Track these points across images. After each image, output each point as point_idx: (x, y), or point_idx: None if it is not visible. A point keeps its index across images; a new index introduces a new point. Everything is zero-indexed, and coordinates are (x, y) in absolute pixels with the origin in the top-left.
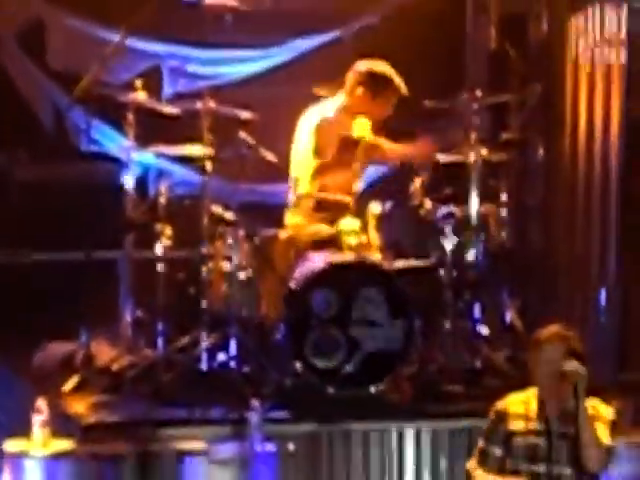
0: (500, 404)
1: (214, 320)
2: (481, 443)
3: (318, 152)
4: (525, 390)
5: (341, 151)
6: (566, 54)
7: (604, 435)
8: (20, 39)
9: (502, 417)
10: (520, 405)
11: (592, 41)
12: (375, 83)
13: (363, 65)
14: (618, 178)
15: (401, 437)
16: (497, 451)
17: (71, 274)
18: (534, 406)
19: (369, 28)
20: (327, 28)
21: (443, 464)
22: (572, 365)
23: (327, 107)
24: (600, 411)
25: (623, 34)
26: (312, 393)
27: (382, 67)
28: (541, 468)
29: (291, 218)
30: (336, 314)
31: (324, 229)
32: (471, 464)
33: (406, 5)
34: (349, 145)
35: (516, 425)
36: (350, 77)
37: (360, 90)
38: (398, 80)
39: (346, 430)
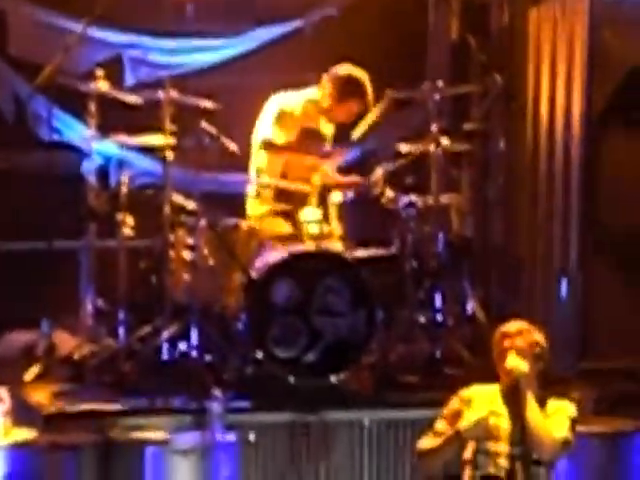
0: (465, 392)
1: (175, 309)
2: (440, 426)
3: (279, 138)
4: (489, 384)
5: (303, 141)
6: (528, 45)
7: (562, 427)
8: None
9: (466, 403)
10: (484, 395)
11: (553, 32)
12: (347, 87)
13: (344, 68)
14: (580, 169)
15: (362, 427)
16: None
17: (32, 263)
18: (498, 397)
19: (330, 18)
20: (288, 18)
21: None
22: (513, 361)
23: (293, 97)
24: (561, 408)
25: (585, 25)
26: (273, 382)
27: (360, 75)
28: (501, 447)
29: (253, 208)
30: (297, 304)
31: (283, 228)
32: (421, 443)
33: None
34: (311, 137)
35: (479, 409)
36: (329, 79)
37: (330, 89)
38: (369, 94)
39: (307, 420)
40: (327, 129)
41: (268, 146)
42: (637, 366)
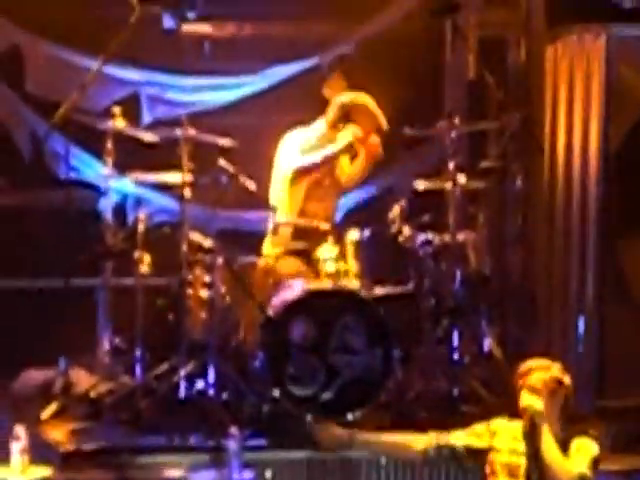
0: (494, 423)
1: (192, 347)
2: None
3: (298, 178)
4: (513, 420)
5: (321, 178)
6: (545, 82)
7: (581, 464)
8: None
9: (492, 434)
10: (509, 430)
11: (570, 69)
12: (357, 116)
13: (346, 97)
14: (597, 206)
15: (379, 465)
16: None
17: (49, 301)
18: (519, 433)
19: (347, 55)
20: (305, 55)
21: None
22: (526, 400)
23: (307, 134)
24: (584, 446)
25: (601, 62)
26: (290, 420)
27: (365, 100)
28: None
29: (270, 246)
30: (314, 342)
31: (298, 267)
32: None
33: (384, 33)
34: (329, 172)
35: (500, 443)
36: (332, 108)
37: (342, 122)
38: (380, 114)
39: (324, 458)
40: (342, 160)
41: (299, 173)
42: None
